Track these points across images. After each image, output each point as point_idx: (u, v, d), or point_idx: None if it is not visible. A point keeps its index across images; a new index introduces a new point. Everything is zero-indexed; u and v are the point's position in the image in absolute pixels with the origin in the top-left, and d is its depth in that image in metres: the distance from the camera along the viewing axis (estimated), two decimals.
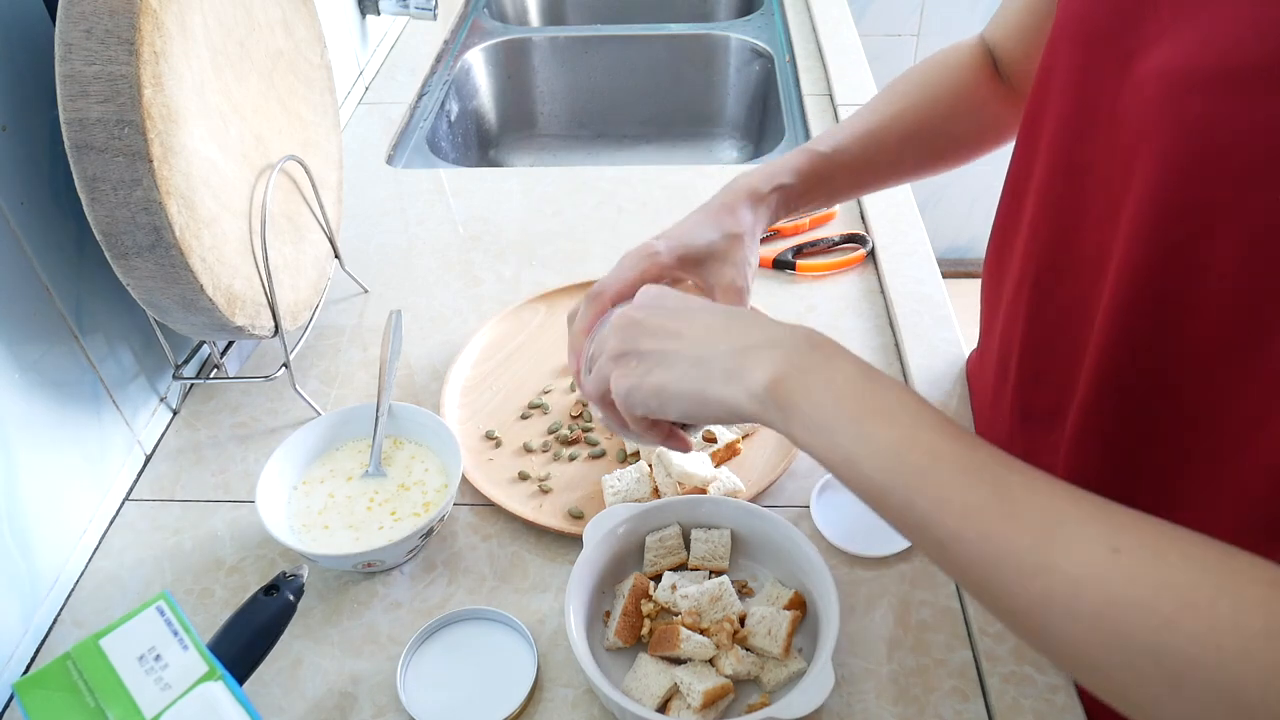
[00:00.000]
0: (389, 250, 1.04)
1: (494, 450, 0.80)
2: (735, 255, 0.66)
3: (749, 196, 0.68)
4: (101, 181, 0.62)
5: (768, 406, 0.47)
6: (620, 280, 0.64)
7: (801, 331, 0.49)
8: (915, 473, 0.42)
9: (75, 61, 0.60)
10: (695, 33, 1.51)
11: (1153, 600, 0.35)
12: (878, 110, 0.74)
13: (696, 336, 0.51)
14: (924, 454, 0.42)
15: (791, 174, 0.70)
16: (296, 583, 0.61)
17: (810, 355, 0.47)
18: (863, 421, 0.44)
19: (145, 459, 0.81)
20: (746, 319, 0.51)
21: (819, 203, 0.73)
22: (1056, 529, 0.38)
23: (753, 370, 0.47)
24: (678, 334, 0.51)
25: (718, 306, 0.54)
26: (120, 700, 0.47)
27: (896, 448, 0.43)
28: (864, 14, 2.18)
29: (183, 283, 0.67)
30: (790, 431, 0.47)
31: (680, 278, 0.67)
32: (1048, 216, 0.59)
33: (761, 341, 0.48)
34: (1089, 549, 0.37)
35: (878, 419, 0.44)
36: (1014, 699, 0.61)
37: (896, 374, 0.86)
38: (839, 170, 0.71)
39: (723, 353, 0.49)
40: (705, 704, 0.58)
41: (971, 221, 2.51)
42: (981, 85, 0.72)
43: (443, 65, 1.45)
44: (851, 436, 0.44)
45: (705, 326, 0.51)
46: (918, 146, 0.73)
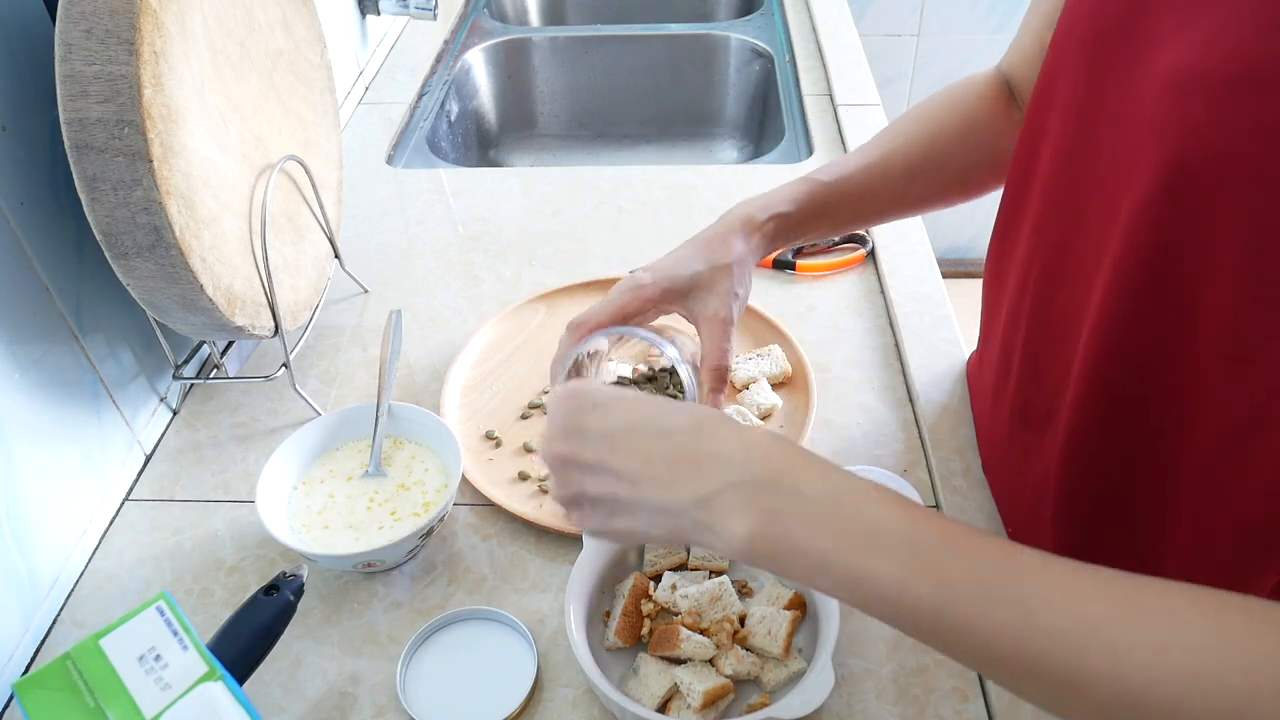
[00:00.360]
0: (389, 250, 1.04)
1: (494, 450, 0.80)
2: (721, 286, 0.65)
3: (743, 226, 0.67)
4: (101, 181, 0.62)
5: (754, 559, 0.45)
6: (603, 311, 0.64)
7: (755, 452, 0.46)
8: (929, 604, 0.41)
9: (75, 61, 0.60)
10: (695, 33, 1.51)
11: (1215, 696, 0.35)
12: (884, 142, 0.73)
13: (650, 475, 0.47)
14: (932, 583, 0.41)
15: (790, 203, 0.69)
16: (296, 583, 0.61)
17: (775, 495, 0.44)
18: (856, 560, 0.42)
19: (145, 459, 0.81)
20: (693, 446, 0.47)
21: (820, 232, 0.72)
22: (1092, 639, 0.38)
23: (725, 524, 0.44)
24: (617, 474, 0.48)
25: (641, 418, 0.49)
26: (120, 700, 0.47)
27: (901, 581, 0.41)
28: (864, 14, 2.18)
29: (183, 283, 0.67)
30: (785, 576, 0.45)
31: (666, 310, 0.67)
32: (1050, 217, 0.59)
33: (721, 485, 0.45)
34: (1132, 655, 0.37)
35: (870, 551, 0.42)
36: (1014, 699, 0.61)
37: (896, 374, 0.86)
38: (841, 200, 0.70)
39: (684, 503, 0.46)
40: (705, 704, 0.58)
41: (972, 221, 2.51)
42: (997, 117, 0.71)
43: (443, 65, 1.45)
44: (849, 575, 0.42)
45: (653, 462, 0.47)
46: (925, 178, 0.72)
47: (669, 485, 0.46)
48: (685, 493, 0.46)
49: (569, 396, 0.51)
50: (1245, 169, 0.41)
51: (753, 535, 0.44)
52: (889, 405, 0.83)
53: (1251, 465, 0.46)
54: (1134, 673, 0.37)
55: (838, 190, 0.70)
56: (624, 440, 0.48)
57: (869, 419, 0.82)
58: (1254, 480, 0.46)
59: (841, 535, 0.43)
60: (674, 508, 0.46)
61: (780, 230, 0.69)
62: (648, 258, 1.00)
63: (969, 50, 2.22)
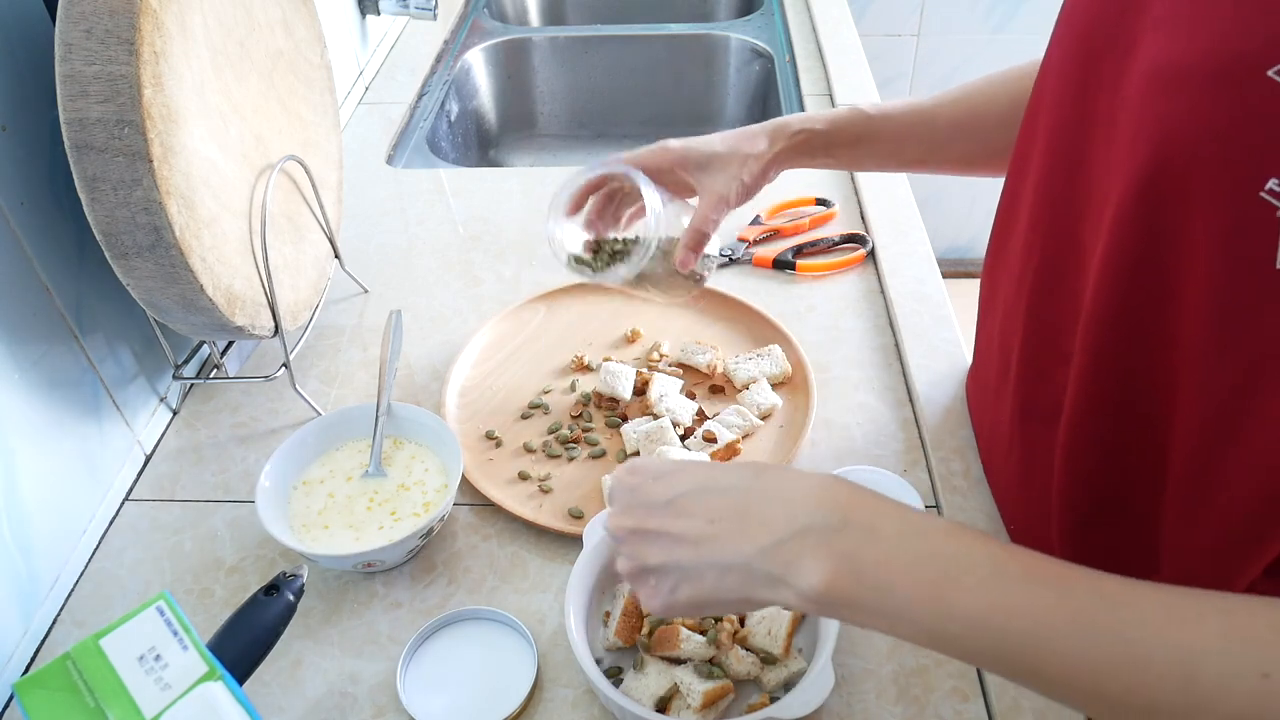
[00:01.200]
0: (389, 250, 1.04)
1: (494, 450, 0.80)
2: (731, 168, 0.69)
3: (774, 129, 0.71)
4: (101, 181, 0.62)
5: (828, 608, 0.44)
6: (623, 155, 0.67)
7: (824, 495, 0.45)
8: (1022, 641, 0.40)
9: (75, 61, 0.60)
10: (695, 33, 1.51)
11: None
12: (937, 96, 0.74)
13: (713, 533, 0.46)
14: (1022, 618, 0.40)
15: (826, 122, 0.71)
16: (296, 583, 0.61)
17: (848, 535, 0.43)
18: (939, 598, 0.41)
19: (145, 459, 0.81)
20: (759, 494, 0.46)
21: (854, 162, 0.74)
22: (1196, 667, 0.37)
23: (798, 573, 0.43)
24: (681, 538, 0.47)
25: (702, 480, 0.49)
26: (120, 700, 0.47)
27: (988, 618, 0.40)
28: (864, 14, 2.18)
29: (183, 283, 0.67)
30: (863, 624, 0.44)
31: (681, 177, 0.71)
32: (1044, 215, 0.59)
33: (791, 532, 0.44)
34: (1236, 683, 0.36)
35: (954, 590, 0.41)
36: (1014, 699, 0.61)
37: (896, 374, 0.86)
38: (878, 133, 0.72)
39: (752, 555, 0.44)
40: (705, 704, 0.58)
41: (971, 221, 2.51)
42: None
43: (443, 65, 1.45)
44: (932, 617, 0.41)
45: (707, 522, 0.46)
46: (969, 139, 0.73)
47: (734, 540, 0.45)
48: (751, 545, 0.44)
49: (631, 472, 0.51)
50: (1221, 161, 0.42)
51: (828, 581, 0.42)
52: (889, 405, 0.83)
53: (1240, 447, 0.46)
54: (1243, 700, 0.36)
55: (878, 122, 0.72)
56: (686, 504, 0.48)
57: (869, 419, 0.82)
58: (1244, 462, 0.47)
59: (921, 573, 0.41)
60: (740, 562, 0.45)
61: (809, 144, 0.71)
62: None
63: (969, 50, 2.22)
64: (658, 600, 0.48)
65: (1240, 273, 0.43)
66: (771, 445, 0.79)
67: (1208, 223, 0.43)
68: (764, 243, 1.03)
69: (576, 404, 0.83)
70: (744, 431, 0.78)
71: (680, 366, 0.86)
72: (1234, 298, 0.44)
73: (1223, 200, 0.42)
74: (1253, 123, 0.40)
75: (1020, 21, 2.16)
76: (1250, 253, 0.41)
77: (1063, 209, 0.56)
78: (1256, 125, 0.40)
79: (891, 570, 0.42)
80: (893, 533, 0.43)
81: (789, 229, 1.04)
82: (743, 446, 0.77)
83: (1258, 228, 0.40)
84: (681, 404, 0.80)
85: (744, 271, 0.99)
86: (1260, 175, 0.40)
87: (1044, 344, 0.61)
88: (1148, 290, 0.48)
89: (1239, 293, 0.43)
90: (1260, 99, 0.39)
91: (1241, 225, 0.41)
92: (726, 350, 0.88)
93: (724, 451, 0.76)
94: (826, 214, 1.05)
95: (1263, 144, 0.39)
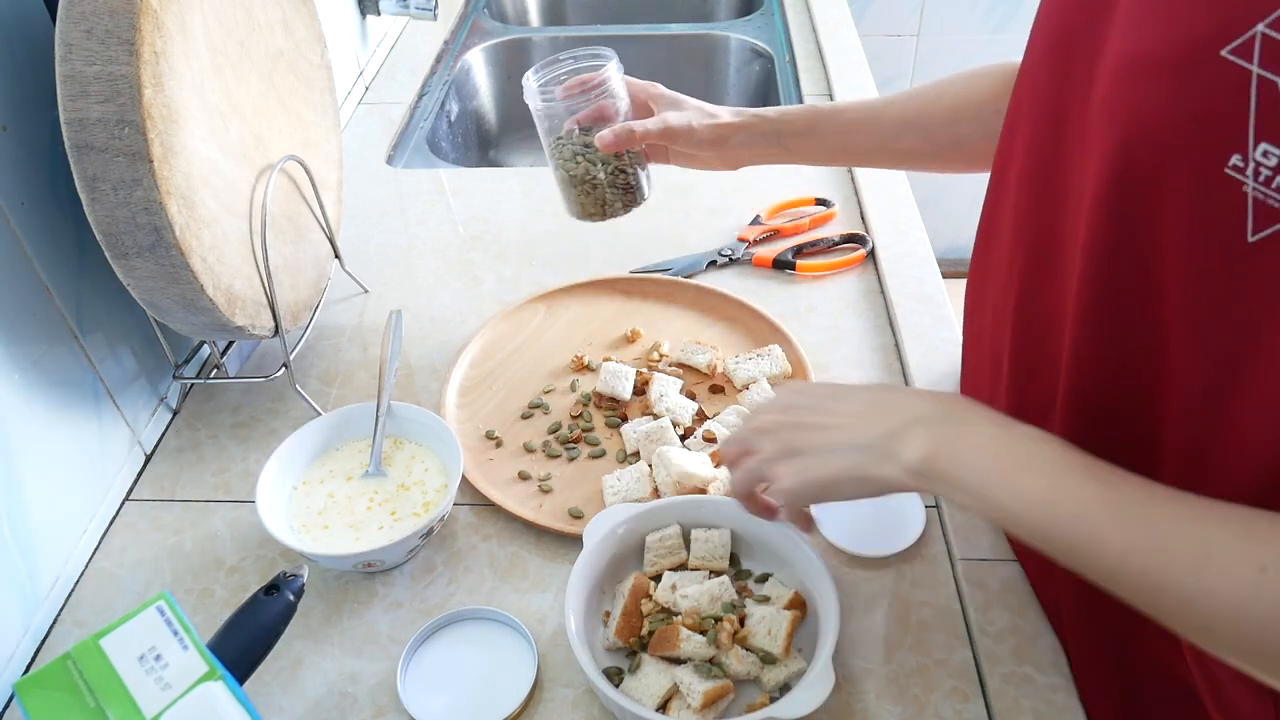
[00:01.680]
0: (389, 250, 1.04)
1: (494, 450, 0.80)
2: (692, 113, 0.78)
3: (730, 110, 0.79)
4: (101, 181, 0.62)
5: (923, 479, 0.51)
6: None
7: (944, 400, 0.54)
8: (1068, 521, 0.46)
9: (75, 61, 0.60)
10: (695, 33, 1.51)
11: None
12: (889, 95, 0.80)
13: (849, 423, 0.55)
14: (1073, 502, 0.46)
15: (777, 112, 0.78)
16: (296, 583, 0.61)
17: (953, 425, 0.52)
18: (1011, 479, 0.48)
19: (145, 459, 0.81)
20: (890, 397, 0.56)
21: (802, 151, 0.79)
22: (1206, 556, 0.42)
23: (906, 449, 0.52)
24: (827, 424, 0.56)
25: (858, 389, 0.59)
26: (120, 700, 0.47)
27: (1046, 499, 0.47)
28: (864, 14, 2.18)
29: (183, 283, 0.67)
30: (947, 496, 0.51)
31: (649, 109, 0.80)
32: (1027, 211, 0.60)
33: (909, 420, 0.53)
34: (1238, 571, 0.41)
35: (1024, 474, 0.48)
36: (1014, 699, 0.61)
37: (896, 374, 0.86)
38: (829, 126, 0.78)
39: (877, 435, 0.53)
40: (705, 704, 0.58)
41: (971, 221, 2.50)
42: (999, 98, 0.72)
43: (443, 65, 1.45)
44: (1003, 494, 0.48)
45: (853, 412, 0.56)
46: (916, 134, 0.77)
47: (869, 424, 0.54)
48: (879, 426, 0.54)
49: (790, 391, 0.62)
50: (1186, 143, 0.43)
51: (926, 456, 0.51)
52: None
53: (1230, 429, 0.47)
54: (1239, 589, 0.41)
55: (828, 116, 0.78)
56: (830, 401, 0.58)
57: None
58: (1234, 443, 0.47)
59: (1001, 458, 0.49)
60: (865, 441, 0.54)
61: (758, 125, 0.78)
62: (648, 257, 1.00)
63: (969, 50, 2.22)
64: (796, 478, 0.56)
65: (1214, 251, 0.44)
66: None
67: (1179, 205, 0.45)
68: (764, 243, 1.03)
69: (576, 404, 0.83)
70: None
71: (680, 366, 0.86)
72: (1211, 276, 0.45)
73: (1191, 181, 0.44)
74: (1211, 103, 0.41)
75: (1020, 21, 2.16)
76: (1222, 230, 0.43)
77: (1044, 208, 0.57)
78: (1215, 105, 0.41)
79: (977, 454, 0.50)
80: (987, 427, 0.52)
81: (789, 229, 1.04)
82: None
83: (1227, 205, 0.42)
84: (681, 404, 0.80)
85: (744, 271, 0.99)
86: (1224, 153, 0.41)
87: (1033, 343, 0.61)
88: (1129, 280, 0.50)
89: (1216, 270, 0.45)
90: (1216, 79, 0.41)
91: (1211, 204, 0.43)
92: (726, 350, 0.88)
93: None
94: (826, 214, 1.05)
95: (1222, 123, 0.41)
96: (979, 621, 0.65)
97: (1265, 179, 0.40)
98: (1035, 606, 0.66)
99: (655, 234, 1.04)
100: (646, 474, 0.74)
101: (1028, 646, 0.64)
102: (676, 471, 0.72)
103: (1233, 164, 0.41)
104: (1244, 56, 0.40)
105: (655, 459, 0.74)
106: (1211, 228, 0.43)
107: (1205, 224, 0.44)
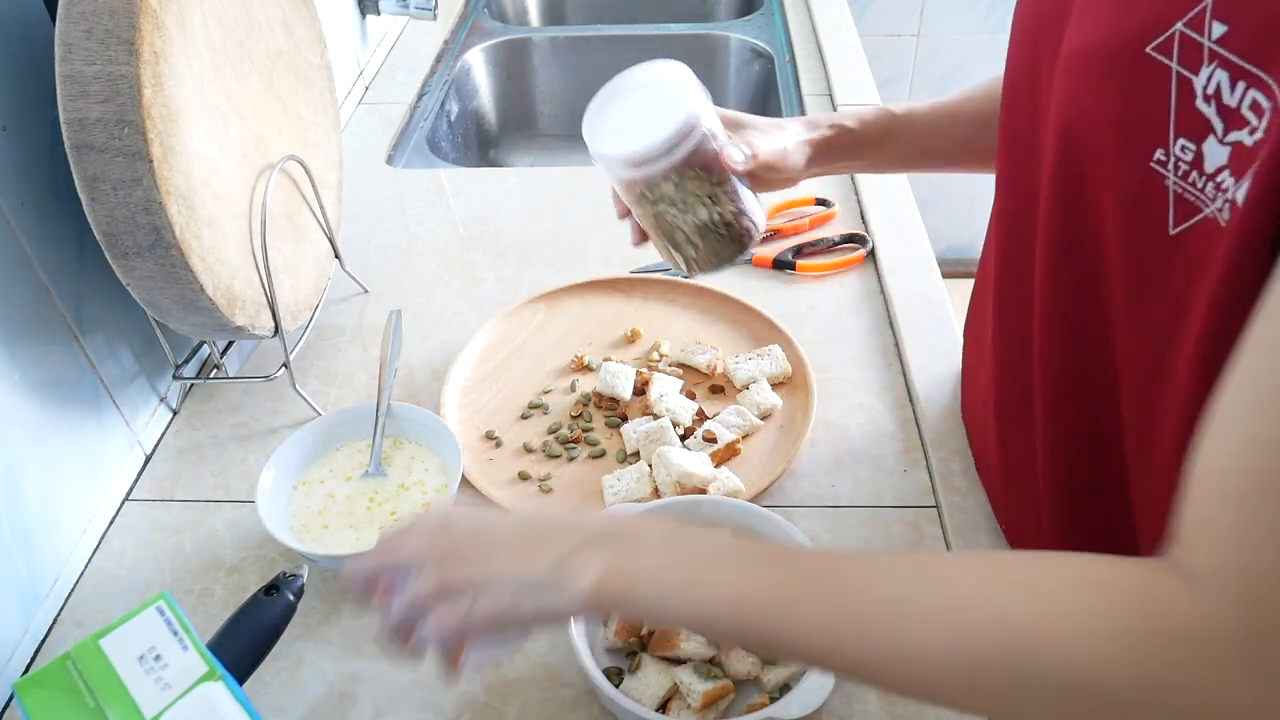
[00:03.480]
0: (389, 250, 1.04)
1: (494, 450, 0.80)
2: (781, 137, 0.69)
3: (806, 121, 0.72)
4: (101, 181, 0.62)
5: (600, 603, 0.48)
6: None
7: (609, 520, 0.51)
8: (758, 612, 0.44)
9: (75, 61, 0.60)
10: (695, 33, 1.51)
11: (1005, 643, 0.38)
12: (962, 92, 0.74)
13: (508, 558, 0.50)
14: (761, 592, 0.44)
15: (854, 119, 0.72)
16: (296, 583, 0.61)
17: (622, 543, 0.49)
18: (690, 588, 0.46)
19: (145, 459, 0.81)
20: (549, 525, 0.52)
21: (879, 160, 0.74)
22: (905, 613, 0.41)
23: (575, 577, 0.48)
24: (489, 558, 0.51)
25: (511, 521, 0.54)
26: (120, 700, 0.47)
27: (731, 597, 0.45)
28: (864, 14, 2.18)
29: (183, 283, 0.67)
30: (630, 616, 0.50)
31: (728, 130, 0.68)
32: (1009, 208, 0.61)
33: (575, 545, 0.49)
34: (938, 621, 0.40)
35: (703, 578, 0.46)
36: None
37: (896, 374, 0.86)
38: (905, 131, 0.73)
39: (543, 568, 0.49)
40: (705, 704, 0.58)
41: (971, 221, 2.51)
42: None
43: (443, 65, 1.45)
44: (689, 605, 0.46)
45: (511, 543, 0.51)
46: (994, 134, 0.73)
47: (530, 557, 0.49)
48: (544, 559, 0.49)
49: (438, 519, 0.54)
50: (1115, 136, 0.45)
51: (598, 581, 0.47)
52: (889, 405, 0.83)
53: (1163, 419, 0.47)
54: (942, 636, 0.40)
55: (903, 121, 0.72)
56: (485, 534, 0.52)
57: (869, 419, 0.82)
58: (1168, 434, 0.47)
59: (676, 568, 0.47)
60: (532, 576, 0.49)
61: (840, 140, 0.71)
62: (648, 258, 1.00)
63: (969, 50, 2.22)
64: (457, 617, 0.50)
65: (1142, 242, 0.45)
66: (771, 445, 0.79)
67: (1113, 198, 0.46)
68: (764, 243, 1.03)
69: (576, 404, 0.83)
70: (744, 431, 0.78)
71: (680, 366, 0.86)
72: (1141, 267, 0.46)
73: (1120, 173, 0.45)
74: (1138, 98, 0.43)
75: None
76: (1149, 222, 0.44)
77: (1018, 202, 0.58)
78: (1141, 100, 0.42)
79: (653, 570, 0.47)
80: (657, 537, 0.49)
81: (789, 229, 1.04)
82: (742, 446, 0.77)
83: (1152, 197, 0.43)
84: (681, 404, 0.80)
85: (744, 271, 0.99)
86: (1149, 147, 0.42)
87: (1011, 337, 0.62)
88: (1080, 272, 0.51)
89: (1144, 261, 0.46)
90: (1142, 75, 0.42)
91: (1138, 196, 0.44)
92: (726, 350, 0.88)
93: (724, 451, 0.76)
94: (826, 214, 1.05)
95: (1148, 118, 0.42)
96: None
97: (1183, 173, 0.41)
98: None
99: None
100: (646, 474, 0.74)
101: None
102: (676, 471, 0.72)
103: (1156, 158, 0.42)
104: (1165, 53, 0.41)
105: (655, 459, 0.74)
106: (1140, 220, 0.45)
107: (1134, 216, 0.45)
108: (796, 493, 0.75)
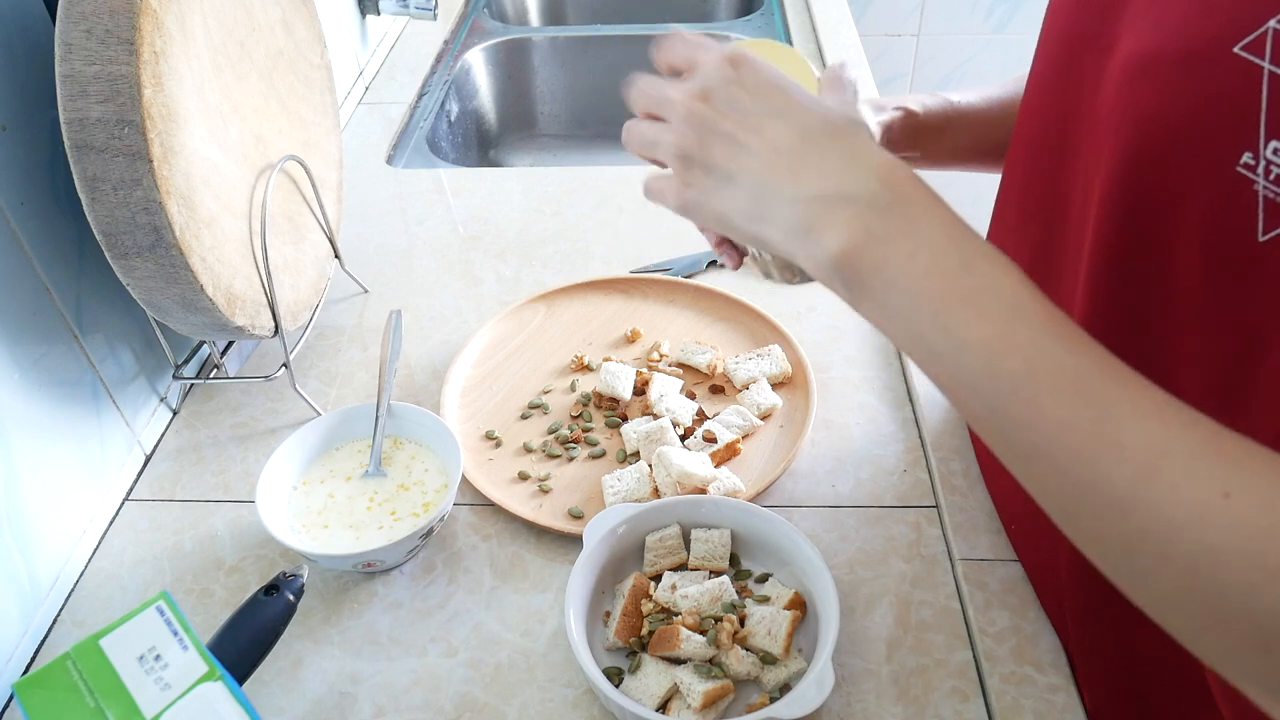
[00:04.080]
0: (389, 250, 1.04)
1: (494, 450, 0.80)
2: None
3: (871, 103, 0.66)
4: (101, 181, 0.62)
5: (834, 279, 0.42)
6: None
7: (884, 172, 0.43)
8: (1008, 379, 0.38)
9: (75, 61, 0.60)
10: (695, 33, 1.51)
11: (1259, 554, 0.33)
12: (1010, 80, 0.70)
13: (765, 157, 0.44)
14: (1020, 359, 0.38)
15: (917, 103, 0.66)
16: (296, 583, 0.61)
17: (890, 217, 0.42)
18: (949, 310, 0.40)
19: (145, 459, 0.81)
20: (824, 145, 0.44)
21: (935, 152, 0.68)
22: (1162, 462, 0.35)
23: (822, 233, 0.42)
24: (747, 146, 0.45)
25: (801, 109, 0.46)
26: (120, 700, 0.47)
27: (988, 347, 0.39)
28: (864, 14, 2.18)
29: (183, 283, 0.67)
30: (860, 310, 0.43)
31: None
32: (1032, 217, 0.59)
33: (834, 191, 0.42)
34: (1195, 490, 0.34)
35: (967, 308, 0.39)
36: (1014, 699, 0.61)
37: (896, 374, 0.86)
38: (959, 120, 0.68)
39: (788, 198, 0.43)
40: (705, 704, 0.58)
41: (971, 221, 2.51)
42: None
43: (443, 65, 1.45)
44: (935, 328, 0.40)
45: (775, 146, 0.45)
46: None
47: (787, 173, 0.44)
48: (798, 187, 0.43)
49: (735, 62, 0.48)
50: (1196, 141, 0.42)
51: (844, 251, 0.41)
52: (889, 405, 0.83)
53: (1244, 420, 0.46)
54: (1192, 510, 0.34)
55: (958, 109, 0.67)
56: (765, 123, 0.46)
57: (869, 419, 0.82)
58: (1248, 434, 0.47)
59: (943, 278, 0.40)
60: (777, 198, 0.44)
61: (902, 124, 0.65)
62: (648, 257, 1.00)
63: (969, 50, 2.22)
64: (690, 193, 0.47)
65: (1226, 251, 0.43)
66: (771, 445, 0.79)
67: (1190, 205, 0.44)
68: None
69: (576, 404, 0.83)
70: (744, 431, 0.78)
71: (680, 366, 0.86)
72: (1222, 277, 0.44)
73: (1202, 180, 0.43)
74: (1223, 100, 0.41)
75: (1020, 22, 2.16)
76: (1234, 230, 0.42)
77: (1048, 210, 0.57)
78: (1226, 102, 0.40)
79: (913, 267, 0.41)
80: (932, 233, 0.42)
81: None
82: (742, 446, 0.77)
83: (1238, 203, 0.41)
84: (681, 404, 0.80)
85: (744, 271, 0.99)
86: (1235, 151, 0.40)
87: None
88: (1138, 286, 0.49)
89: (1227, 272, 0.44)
90: (1228, 76, 0.40)
91: (1223, 202, 0.42)
92: (726, 350, 0.88)
93: (724, 451, 0.76)
94: None
95: (1234, 120, 0.40)
96: (979, 621, 0.65)
97: (1276, 177, 0.39)
98: (1035, 606, 0.66)
99: (655, 234, 1.04)
100: (646, 474, 0.74)
101: (1028, 646, 0.64)
102: (676, 471, 0.72)
103: (1244, 162, 0.40)
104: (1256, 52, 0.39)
105: (655, 459, 0.74)
106: (1223, 228, 0.42)
107: (1217, 224, 0.43)
108: (796, 493, 0.75)
